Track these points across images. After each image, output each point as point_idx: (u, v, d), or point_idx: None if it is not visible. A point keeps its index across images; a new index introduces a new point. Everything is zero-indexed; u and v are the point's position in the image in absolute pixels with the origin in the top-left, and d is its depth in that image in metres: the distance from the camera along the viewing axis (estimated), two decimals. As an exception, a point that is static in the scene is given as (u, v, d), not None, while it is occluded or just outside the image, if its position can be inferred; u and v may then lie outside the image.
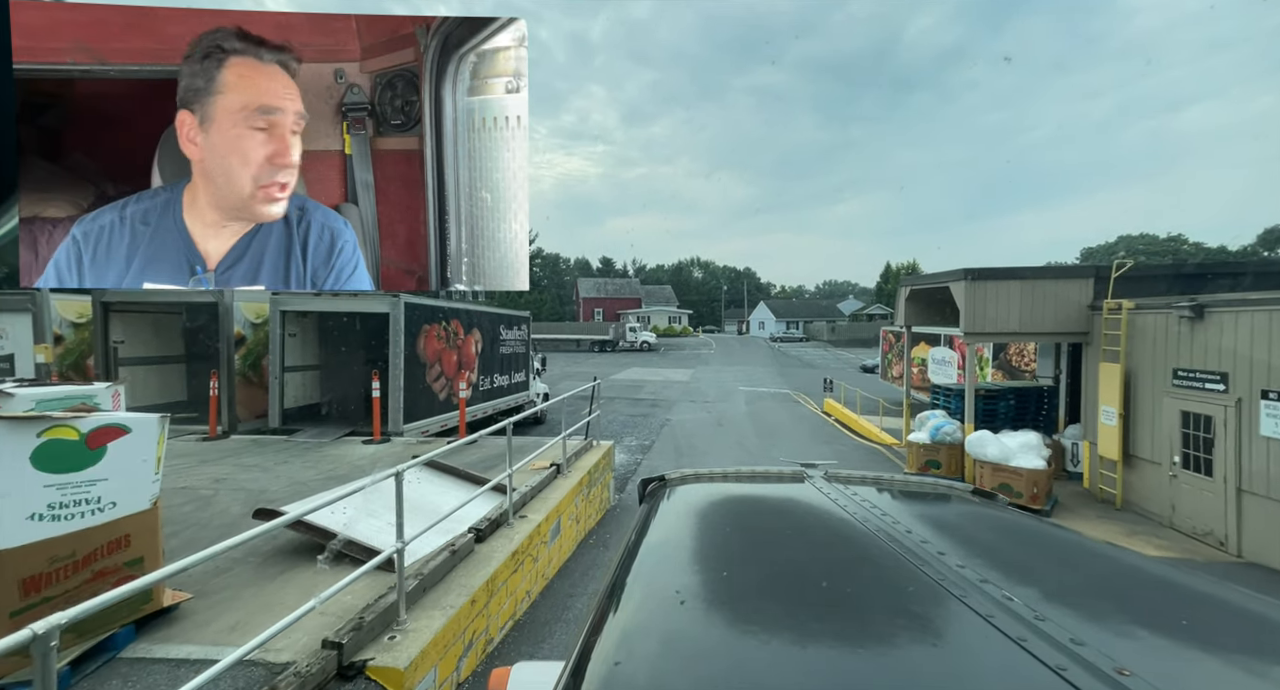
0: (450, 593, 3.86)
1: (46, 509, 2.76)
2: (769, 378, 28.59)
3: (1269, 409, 6.28)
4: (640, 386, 23.99)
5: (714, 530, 1.44)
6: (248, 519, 5.21)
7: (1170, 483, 7.59)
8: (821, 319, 66.64)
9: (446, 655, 3.51)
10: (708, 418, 16.75)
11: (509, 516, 5.19)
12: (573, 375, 26.04)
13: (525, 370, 14.62)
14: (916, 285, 12.51)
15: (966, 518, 1.54)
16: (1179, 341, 7.48)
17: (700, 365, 34.20)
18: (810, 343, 58.73)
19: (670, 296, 71.05)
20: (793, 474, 1.97)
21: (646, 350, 44.85)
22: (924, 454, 10.23)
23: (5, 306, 9.44)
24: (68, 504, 2.84)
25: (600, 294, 65.05)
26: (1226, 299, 6.92)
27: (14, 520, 2.66)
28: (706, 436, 14.07)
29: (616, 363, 35.04)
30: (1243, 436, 6.60)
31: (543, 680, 1.29)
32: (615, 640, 0.90)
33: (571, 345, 45.77)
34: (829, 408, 17.96)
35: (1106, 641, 0.84)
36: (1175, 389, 7.53)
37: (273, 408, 9.29)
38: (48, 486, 2.77)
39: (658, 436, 14.02)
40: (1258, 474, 6.44)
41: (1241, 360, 6.61)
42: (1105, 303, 8.68)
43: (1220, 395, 6.85)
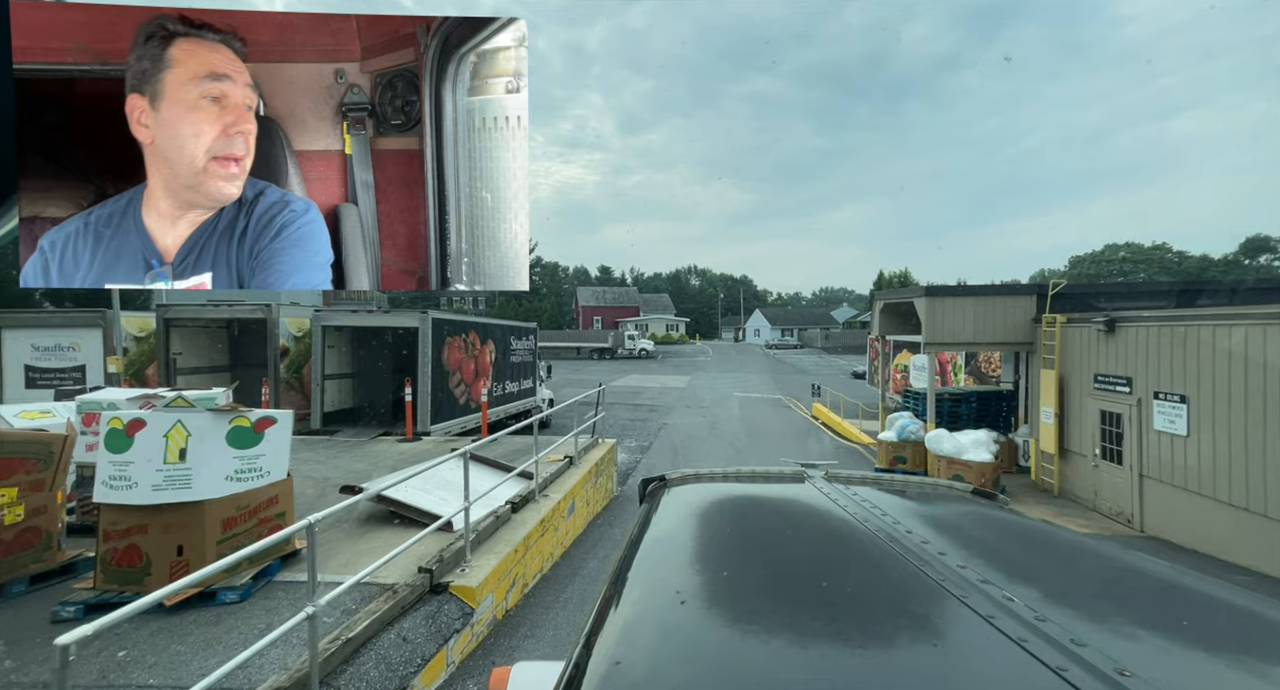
0: (498, 544, 5.12)
1: (234, 473, 4.02)
2: (762, 384, 29.81)
3: (1159, 407, 7.58)
4: (639, 392, 25.19)
5: (714, 530, 1.44)
6: (323, 498, 6.48)
7: (1093, 471, 8.87)
8: (816, 326, 68.09)
9: (499, 587, 4.76)
10: (703, 421, 17.97)
11: (535, 494, 6.45)
12: (574, 382, 27.24)
13: (533, 377, 15.88)
14: (889, 299, 13.84)
15: (967, 518, 1.54)
16: (1097, 350, 8.79)
17: (697, 372, 35.43)
18: (804, 349, 60.11)
19: (668, 304, 72.49)
20: (793, 474, 1.96)
21: (645, 357, 46.10)
22: (892, 451, 11.48)
23: (78, 323, 10.71)
24: (244, 471, 4.10)
25: (599, 302, 66.42)
26: (1130, 316, 8.24)
27: (216, 479, 3.92)
28: (701, 438, 15.29)
29: (616, 369, 36.26)
30: (1143, 430, 7.89)
31: (543, 679, 1.31)
32: (615, 639, 0.91)
33: (572, 353, 47.02)
34: (816, 411, 19.21)
35: (1107, 642, 0.84)
36: (1095, 391, 8.82)
37: (315, 411, 10.52)
38: (234, 458, 4.03)
39: (656, 438, 15.23)
40: (1153, 462, 7.72)
41: (1140, 367, 7.91)
42: (1044, 317, 10.00)
43: (1126, 396, 8.15)
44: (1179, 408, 7.28)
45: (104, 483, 3.76)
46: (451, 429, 10.95)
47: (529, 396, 15.46)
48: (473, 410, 11.74)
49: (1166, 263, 61.75)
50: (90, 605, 3.67)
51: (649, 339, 51.61)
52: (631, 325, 56.81)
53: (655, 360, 44.25)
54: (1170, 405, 7.41)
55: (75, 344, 10.73)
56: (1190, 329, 7.15)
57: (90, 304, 13.39)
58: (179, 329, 10.93)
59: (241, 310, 11.01)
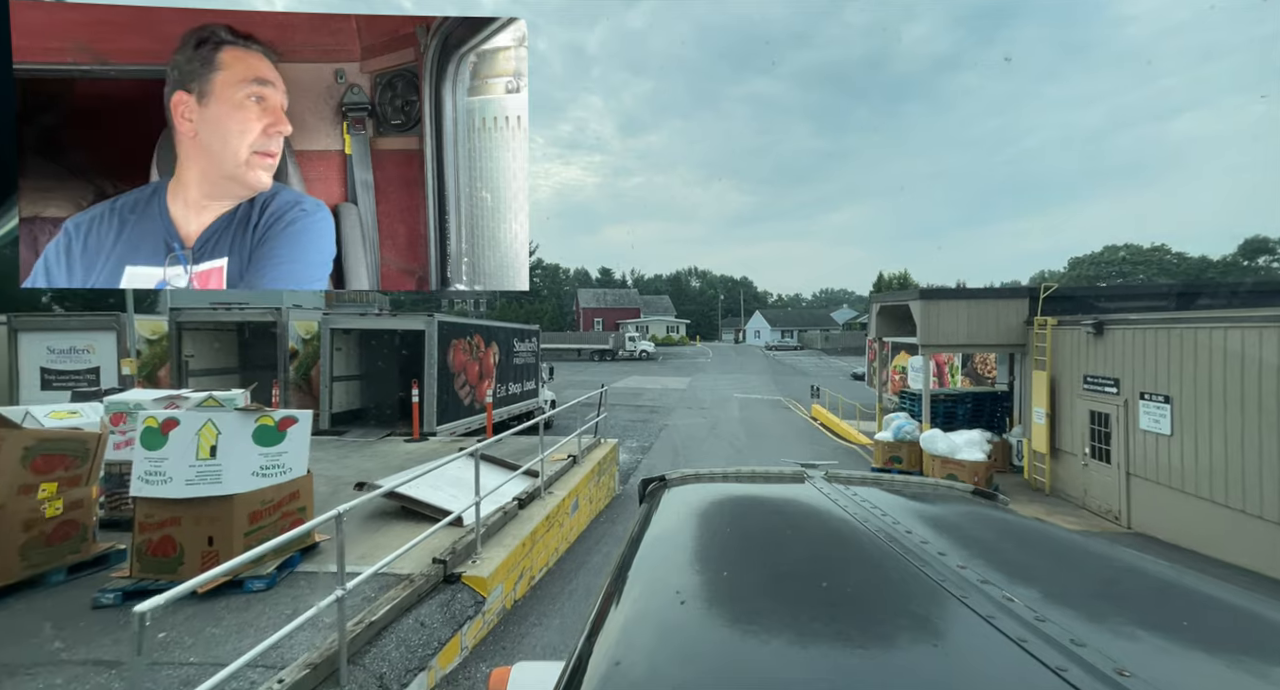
0: (506, 538, 5.37)
1: (259, 469, 4.27)
2: (762, 385, 30.06)
3: (1145, 408, 7.82)
4: (639, 394, 25.43)
5: (714, 530, 1.44)
6: (336, 495, 6.72)
7: (1083, 470, 9.10)
8: (816, 328, 68.34)
9: (508, 578, 5.01)
10: (703, 422, 18.22)
11: (541, 491, 6.70)
12: (576, 383, 27.49)
13: (535, 379, 16.13)
14: (885, 302, 14.09)
15: (967, 518, 1.54)
16: (1087, 352, 9.03)
17: (697, 373, 35.68)
18: (804, 351, 60.37)
19: (668, 306, 72.79)
20: (793, 474, 1.97)
21: (645, 359, 46.36)
22: (888, 451, 11.72)
23: (94, 326, 10.97)
24: (269, 467, 4.35)
25: (600, 304, 66.73)
26: (1118, 319, 8.48)
27: (244, 475, 4.17)
28: (702, 438, 15.54)
29: (617, 371, 36.52)
30: (1130, 430, 8.13)
31: (543, 679, 1.31)
32: (615, 639, 0.91)
33: (573, 354, 47.27)
34: (815, 412, 19.45)
35: (1107, 642, 0.84)
36: (1085, 392, 9.06)
37: (323, 412, 10.77)
38: (260, 455, 4.29)
39: (657, 439, 15.47)
40: (1140, 460, 7.96)
41: (1127, 368, 8.16)
42: (1036, 319, 10.25)
43: (1114, 397, 8.39)
44: (1163, 408, 7.52)
45: (140, 478, 4.02)
46: (457, 429, 11.20)
47: (532, 398, 15.70)
48: (477, 411, 11.99)
49: (1165, 264, 61.90)
50: (128, 592, 3.91)
51: (650, 341, 51.90)
52: (632, 327, 57.10)
53: (656, 362, 44.51)
54: (1155, 405, 7.65)
55: (90, 346, 10.99)
56: (1173, 331, 7.39)
57: (99, 307, 13.61)
58: (191, 332, 11.19)
59: (252, 313, 11.28)
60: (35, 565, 4.15)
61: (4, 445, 3.96)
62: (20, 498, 4.06)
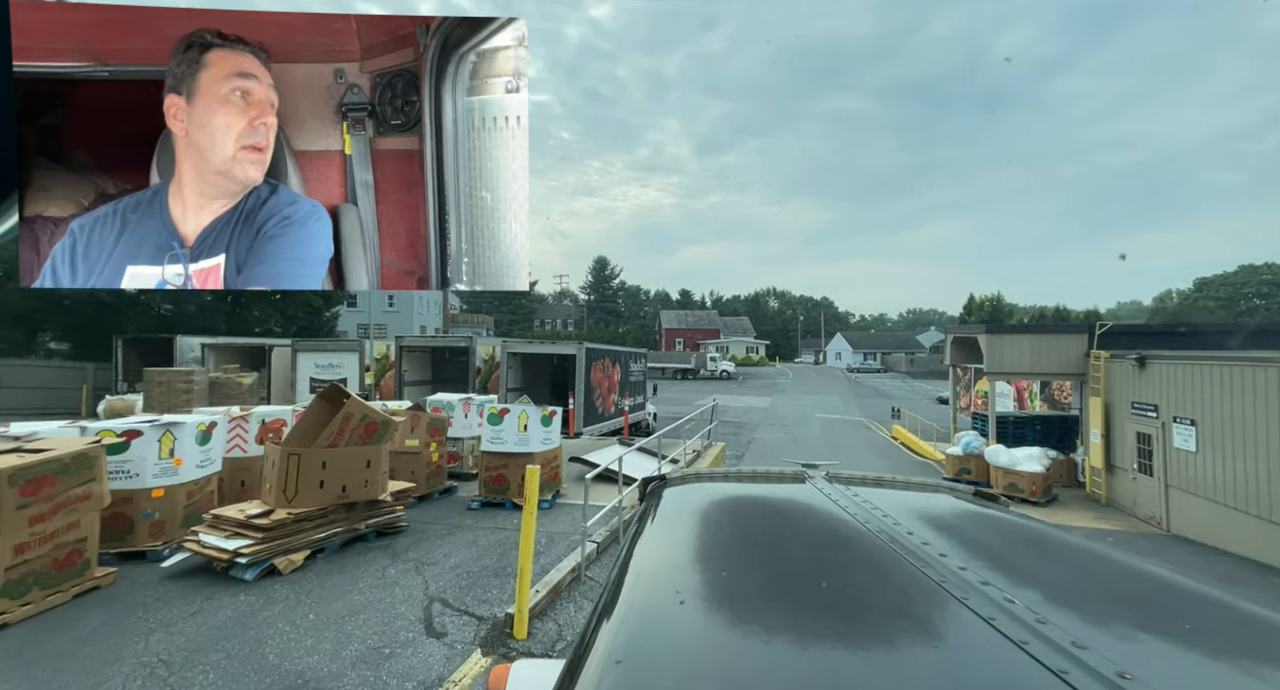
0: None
1: (544, 439, 7.47)
2: (843, 406, 31.31)
3: (1177, 429, 9.40)
4: (723, 411, 27.60)
5: (714, 530, 1.46)
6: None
7: (1131, 483, 10.60)
8: (900, 350, 67.07)
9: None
10: (786, 437, 20.37)
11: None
12: (664, 400, 30.28)
13: (643, 394, 19.25)
14: (958, 334, 15.87)
15: (968, 519, 1.54)
16: (1133, 382, 10.61)
17: (778, 393, 37.32)
18: (888, 374, 59.60)
19: (747, 327, 74.45)
20: (794, 474, 1.98)
21: (726, 378, 48.32)
22: (958, 463, 13.50)
23: (344, 348, 15.46)
24: (546, 439, 7.54)
25: (681, 325, 69.78)
26: (1157, 354, 10.08)
27: (537, 442, 7.40)
28: (786, 450, 17.77)
29: (699, 389, 38.95)
30: (1168, 448, 9.68)
31: (542, 678, 1.33)
32: (615, 639, 0.92)
33: (656, 373, 50.18)
34: (896, 432, 20.99)
35: (1108, 645, 0.84)
36: (1132, 416, 10.61)
37: (499, 414, 14.42)
38: (543, 430, 7.50)
39: (747, 450, 17.88)
40: (1175, 474, 9.50)
41: (1165, 396, 9.75)
42: (1092, 353, 11.84)
43: (1154, 420, 9.96)
44: (1190, 430, 9.11)
45: (488, 440, 7.35)
46: (597, 431, 14.45)
47: (641, 409, 18.80)
48: (609, 416, 15.21)
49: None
50: (484, 502, 7.22)
51: (730, 361, 53.86)
52: (713, 347, 59.42)
53: (736, 381, 46.39)
54: (1184, 427, 9.24)
55: (341, 363, 15.45)
56: (1198, 367, 9.02)
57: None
58: (408, 353, 15.38)
59: (453, 340, 15.33)
60: (430, 488, 7.62)
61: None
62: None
